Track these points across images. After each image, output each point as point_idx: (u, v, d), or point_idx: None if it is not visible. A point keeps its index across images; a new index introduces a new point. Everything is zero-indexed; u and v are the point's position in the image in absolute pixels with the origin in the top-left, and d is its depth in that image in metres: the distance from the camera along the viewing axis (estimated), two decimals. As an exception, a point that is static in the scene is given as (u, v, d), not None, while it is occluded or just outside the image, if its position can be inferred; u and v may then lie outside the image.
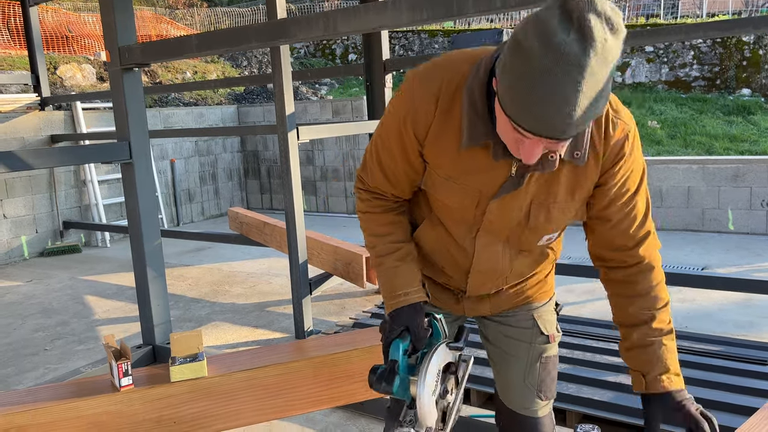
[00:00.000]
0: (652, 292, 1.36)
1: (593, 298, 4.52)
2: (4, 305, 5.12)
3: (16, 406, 2.13)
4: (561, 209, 1.31)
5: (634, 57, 10.86)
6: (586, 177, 1.27)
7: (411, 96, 1.28)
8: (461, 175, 1.28)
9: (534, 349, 1.55)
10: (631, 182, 1.29)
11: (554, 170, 1.21)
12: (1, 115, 6.75)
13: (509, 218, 1.32)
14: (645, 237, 1.34)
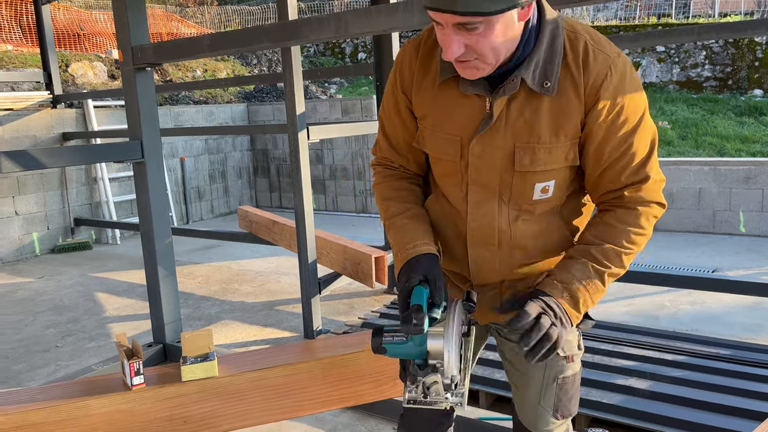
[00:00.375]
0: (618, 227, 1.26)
1: (600, 300, 4.51)
2: (16, 301, 5.16)
3: (30, 404, 2.15)
4: (547, 150, 1.24)
5: (645, 57, 10.80)
6: (570, 114, 1.21)
7: (400, 58, 1.37)
8: (443, 121, 1.30)
9: (551, 370, 1.45)
10: (623, 120, 1.21)
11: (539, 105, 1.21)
12: (14, 113, 6.80)
13: (493, 161, 1.27)
14: (641, 181, 1.25)
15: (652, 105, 9.92)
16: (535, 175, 1.27)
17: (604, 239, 1.26)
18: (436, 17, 1.10)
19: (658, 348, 3.20)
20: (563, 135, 1.23)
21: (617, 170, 1.24)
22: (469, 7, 1.04)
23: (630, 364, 3.02)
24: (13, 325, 4.55)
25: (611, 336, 3.37)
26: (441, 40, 1.14)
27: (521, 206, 1.31)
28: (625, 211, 1.26)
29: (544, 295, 1.24)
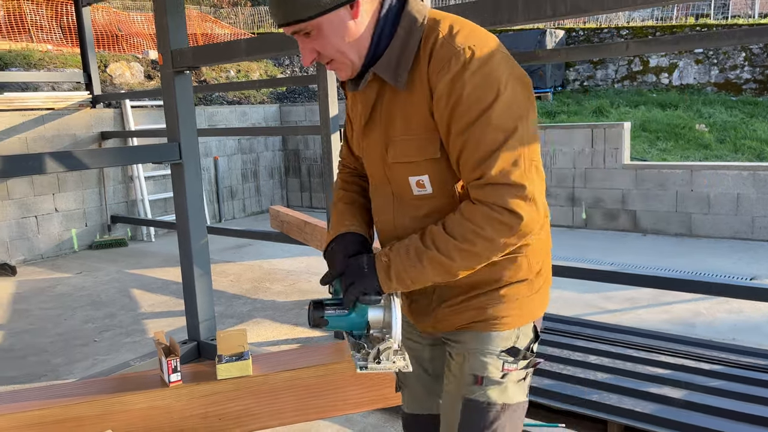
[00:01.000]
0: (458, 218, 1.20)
1: (634, 306, 4.45)
2: (56, 296, 5.31)
3: (72, 398, 2.22)
4: (405, 142, 1.25)
5: (682, 58, 10.60)
6: (418, 106, 1.21)
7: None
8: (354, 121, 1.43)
9: (458, 387, 1.35)
10: (462, 111, 1.15)
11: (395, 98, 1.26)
12: (55, 112, 6.99)
13: (375, 155, 1.35)
14: (480, 178, 1.16)
15: (689, 107, 9.73)
16: (404, 167, 1.27)
17: (443, 223, 1.22)
18: (284, 31, 1.22)
19: (694, 357, 3.14)
20: (415, 127, 1.23)
21: (462, 164, 1.20)
22: (289, 18, 1.17)
23: (665, 372, 2.97)
24: (53, 319, 4.69)
25: (646, 343, 3.32)
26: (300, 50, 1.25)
27: (408, 202, 1.32)
28: (470, 206, 1.19)
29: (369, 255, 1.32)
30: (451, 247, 1.19)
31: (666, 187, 6.70)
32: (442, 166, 1.25)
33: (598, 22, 12.44)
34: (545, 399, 2.83)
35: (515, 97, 1.17)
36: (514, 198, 1.14)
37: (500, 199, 1.14)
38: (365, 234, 1.43)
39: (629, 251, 6.10)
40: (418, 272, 1.23)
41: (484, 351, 1.33)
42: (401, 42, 1.21)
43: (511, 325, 1.33)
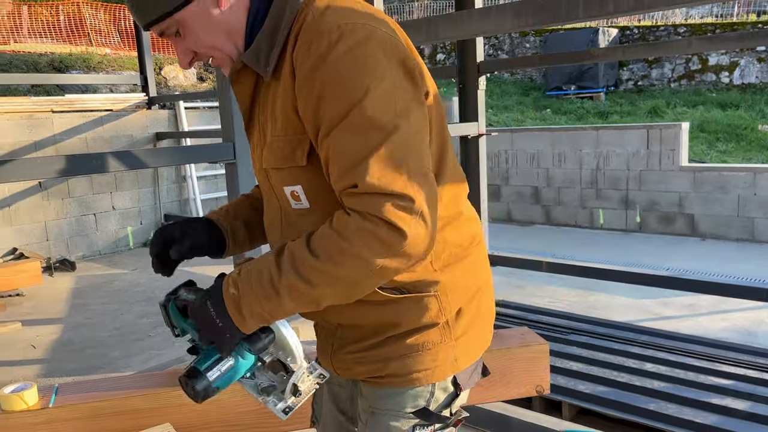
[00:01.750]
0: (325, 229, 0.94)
1: (693, 314, 4.29)
2: (113, 291, 5.49)
3: (129, 390, 2.28)
4: (274, 144, 1.05)
5: (744, 56, 10.19)
6: (285, 99, 1.01)
7: None
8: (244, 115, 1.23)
9: None
10: (326, 107, 0.94)
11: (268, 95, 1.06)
12: (113, 114, 7.23)
13: (257, 160, 1.14)
14: (352, 186, 0.93)
15: (751, 107, 9.36)
16: (277, 174, 1.07)
17: (308, 237, 0.96)
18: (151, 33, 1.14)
19: (756, 367, 3.01)
20: (281, 126, 1.03)
21: (332, 170, 0.96)
22: (147, 17, 1.03)
23: (727, 382, 2.86)
24: (110, 313, 4.84)
25: (706, 352, 3.20)
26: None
27: (293, 217, 1.09)
28: (342, 216, 0.93)
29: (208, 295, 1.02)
30: (312, 269, 0.93)
31: (727, 190, 6.45)
32: (314, 176, 1.02)
33: (653, 20, 12.10)
34: (599, 406, 2.76)
35: (396, 86, 0.95)
36: (396, 209, 0.90)
37: (377, 209, 0.90)
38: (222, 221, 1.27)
39: (687, 256, 5.90)
40: (275, 306, 0.96)
41: (389, 412, 1.11)
42: (272, 24, 1.03)
43: (422, 380, 1.09)
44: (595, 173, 7.25)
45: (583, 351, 3.30)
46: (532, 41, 13.25)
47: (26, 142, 6.41)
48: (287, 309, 0.97)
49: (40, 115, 6.59)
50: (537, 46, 13.08)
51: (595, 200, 7.31)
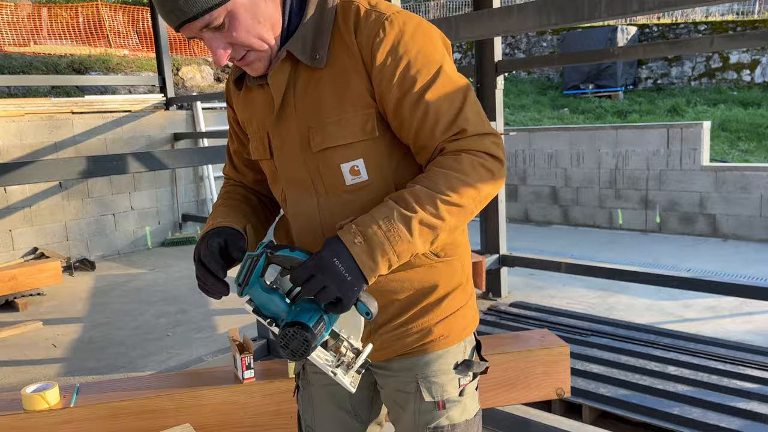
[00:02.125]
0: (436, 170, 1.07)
1: (715, 315, 4.22)
2: (132, 290, 5.53)
3: (151, 390, 2.29)
4: (336, 124, 1.12)
5: (766, 54, 10.03)
6: (349, 82, 1.11)
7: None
8: (251, 121, 1.25)
9: (419, 416, 1.24)
10: (413, 76, 1.08)
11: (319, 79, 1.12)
12: (132, 114, 7.30)
13: (292, 150, 1.17)
14: (459, 133, 1.09)
15: (772, 106, 9.22)
16: (334, 153, 1.13)
17: (418, 182, 1.07)
18: (184, 33, 1.06)
19: (783, 371, 2.95)
20: (349, 104, 1.11)
21: (429, 129, 1.09)
22: (198, 8, 1.01)
23: (752, 386, 2.81)
24: (129, 313, 4.88)
25: (730, 355, 3.15)
26: (209, 50, 1.09)
27: (342, 197, 1.16)
28: (447, 156, 1.09)
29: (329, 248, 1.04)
30: (439, 204, 1.04)
31: (749, 190, 6.35)
32: (379, 147, 1.14)
33: (673, 18, 11.96)
34: (620, 410, 2.72)
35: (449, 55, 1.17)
36: (493, 145, 1.10)
37: (486, 147, 1.09)
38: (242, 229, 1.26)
39: (708, 257, 5.81)
40: (407, 245, 1.04)
41: (438, 372, 1.22)
42: (315, 19, 1.12)
43: (458, 338, 1.23)
44: (614, 173, 7.17)
45: (603, 353, 3.26)
46: (549, 40, 13.15)
47: (47, 142, 6.48)
48: (416, 247, 1.05)
49: (60, 116, 6.67)
50: (554, 45, 12.99)
51: (614, 200, 7.24)
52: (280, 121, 1.17)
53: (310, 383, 1.35)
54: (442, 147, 1.10)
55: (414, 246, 1.05)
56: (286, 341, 1.02)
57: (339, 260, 1.01)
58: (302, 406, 1.38)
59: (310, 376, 1.34)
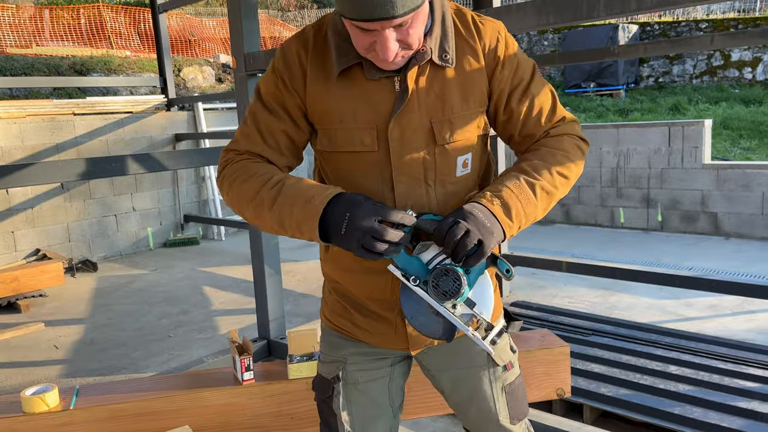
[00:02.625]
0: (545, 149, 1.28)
1: (716, 314, 4.21)
2: (134, 291, 5.54)
3: (150, 392, 2.29)
4: (462, 119, 1.26)
5: (767, 52, 10.00)
6: (474, 81, 1.27)
7: (282, 57, 1.30)
8: (354, 112, 1.24)
9: (496, 383, 1.40)
10: (521, 76, 1.30)
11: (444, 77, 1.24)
12: (133, 115, 7.30)
13: (412, 142, 1.23)
14: (561, 120, 1.33)
15: (774, 104, 9.20)
16: (456, 147, 1.27)
17: (533, 158, 1.27)
18: (369, 27, 1.10)
19: (784, 370, 2.94)
20: (473, 102, 1.27)
21: (536, 119, 1.30)
22: (407, 7, 1.07)
23: (752, 385, 2.79)
24: (131, 314, 4.88)
25: (731, 354, 3.14)
26: (378, 48, 1.13)
27: (446, 187, 1.28)
28: (552, 139, 1.30)
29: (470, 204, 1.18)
30: (554, 174, 1.24)
31: (751, 188, 6.33)
32: (481, 143, 1.33)
33: (674, 16, 11.93)
34: (621, 410, 2.71)
35: None
36: (581, 130, 1.34)
37: (576, 131, 1.33)
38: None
39: (710, 256, 5.80)
40: (533, 208, 1.21)
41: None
42: (440, 23, 1.24)
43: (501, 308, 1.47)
44: (615, 171, 7.16)
45: (604, 353, 3.25)
46: (550, 39, 13.13)
47: (48, 144, 6.49)
48: (537, 212, 1.23)
49: (62, 118, 6.67)
50: (555, 44, 12.97)
51: (615, 199, 7.22)
52: (402, 114, 1.22)
53: (350, 383, 1.38)
54: (546, 132, 1.31)
55: (537, 210, 1.22)
56: (438, 281, 1.13)
57: (480, 212, 1.15)
58: (343, 408, 1.38)
59: (353, 375, 1.38)
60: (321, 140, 1.29)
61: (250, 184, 1.21)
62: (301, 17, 17.33)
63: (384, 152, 1.24)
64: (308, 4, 18.75)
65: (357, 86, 1.23)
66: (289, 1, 18.33)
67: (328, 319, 1.43)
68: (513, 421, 1.43)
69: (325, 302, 1.45)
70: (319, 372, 1.44)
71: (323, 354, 1.44)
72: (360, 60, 1.21)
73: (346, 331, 1.38)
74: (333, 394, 1.39)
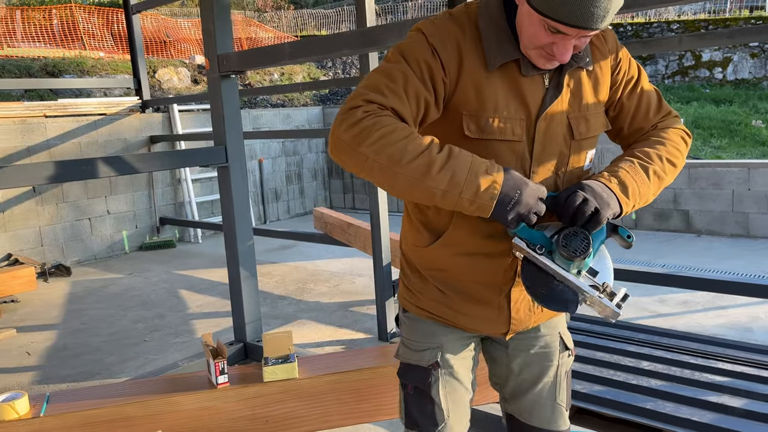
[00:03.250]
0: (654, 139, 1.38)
1: (689, 310, 4.29)
2: (109, 296, 5.46)
3: (123, 398, 2.26)
4: (594, 115, 1.36)
5: (737, 52, 10.20)
6: (602, 81, 1.36)
7: (436, 32, 1.25)
8: (507, 103, 1.28)
9: (561, 367, 1.51)
10: (633, 70, 1.40)
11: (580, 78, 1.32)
12: (107, 117, 7.21)
13: (555, 135, 1.32)
14: (668, 114, 1.43)
15: (744, 103, 9.38)
16: (588, 141, 1.37)
17: (643, 146, 1.36)
18: (569, 31, 1.15)
19: (753, 364, 3.00)
20: (601, 101, 1.37)
21: (645, 113, 1.40)
22: (608, 21, 1.15)
23: (722, 380, 2.85)
24: (105, 318, 4.82)
25: (702, 349, 3.19)
26: (556, 49, 1.19)
27: (573, 180, 1.37)
28: (659, 131, 1.39)
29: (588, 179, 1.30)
30: (664, 161, 1.33)
31: (721, 186, 6.45)
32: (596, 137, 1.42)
33: (647, 17, 12.11)
34: (596, 406, 2.74)
35: None
36: (684, 124, 1.42)
37: (681, 125, 1.43)
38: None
39: (682, 253, 5.90)
40: (646, 188, 1.30)
41: (565, 325, 1.54)
42: None
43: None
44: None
45: (579, 350, 3.29)
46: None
47: (19, 147, 6.38)
48: (649, 194, 1.32)
49: (33, 120, 6.56)
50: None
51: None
52: (551, 110, 1.30)
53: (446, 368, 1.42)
54: (654, 126, 1.40)
55: (649, 192, 1.31)
56: (567, 240, 1.21)
57: (597, 186, 1.25)
58: (442, 394, 1.42)
59: (448, 360, 1.42)
60: (468, 126, 1.27)
61: (412, 142, 1.15)
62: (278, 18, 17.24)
63: (528, 143, 1.31)
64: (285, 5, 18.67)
65: (511, 79, 1.28)
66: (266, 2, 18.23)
67: (423, 309, 1.45)
68: (566, 406, 1.52)
69: (418, 292, 1.45)
70: (409, 361, 1.46)
71: (414, 342, 1.46)
72: (518, 56, 1.26)
73: (445, 318, 1.42)
74: (431, 381, 1.41)
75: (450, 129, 1.29)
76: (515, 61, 1.26)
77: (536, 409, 1.49)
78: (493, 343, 1.52)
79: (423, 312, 1.45)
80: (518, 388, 1.51)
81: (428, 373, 1.42)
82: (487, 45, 1.26)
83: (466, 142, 1.28)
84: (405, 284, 1.50)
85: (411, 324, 1.48)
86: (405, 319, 1.50)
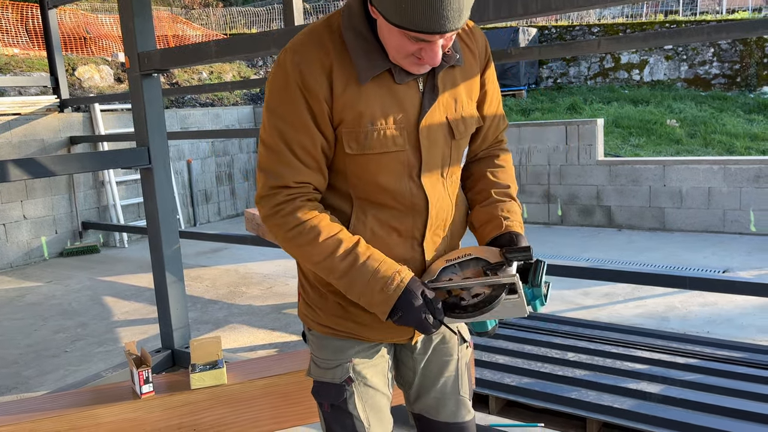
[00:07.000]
0: (509, 169, 1.49)
1: (610, 302, 4.48)
2: (26, 306, 5.18)
3: (39, 413, 2.15)
4: (469, 112, 1.39)
5: (653, 55, 10.74)
6: (474, 78, 1.39)
7: (296, 67, 1.23)
8: (385, 114, 1.26)
9: (461, 360, 1.55)
10: (495, 81, 1.47)
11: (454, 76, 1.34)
12: (22, 117, 6.83)
13: (437, 138, 1.33)
14: (506, 126, 1.53)
15: (660, 103, 9.88)
16: (466, 140, 1.41)
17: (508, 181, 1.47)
18: (429, 38, 1.14)
19: (669, 351, 3.16)
20: (473, 98, 1.40)
21: (499, 118, 1.48)
22: (465, 18, 1.14)
23: (641, 367, 2.99)
24: (22, 329, 4.57)
25: (621, 339, 3.34)
26: (425, 55, 1.18)
27: (453, 178, 1.41)
28: (505, 154, 1.51)
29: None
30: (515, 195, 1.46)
31: (639, 182, 6.78)
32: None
33: (570, 20, 12.57)
34: (524, 398, 2.82)
35: None
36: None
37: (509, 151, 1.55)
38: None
39: (605, 246, 6.16)
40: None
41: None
42: None
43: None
44: (518, 169, 7.44)
45: (508, 344, 3.37)
46: (455, 40, 13.46)
47: (-77, 149, 5.95)
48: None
49: (-62, 121, 6.14)
50: (461, 45, 13.31)
51: (518, 195, 7.52)
52: (431, 113, 1.30)
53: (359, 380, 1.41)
54: (501, 138, 1.51)
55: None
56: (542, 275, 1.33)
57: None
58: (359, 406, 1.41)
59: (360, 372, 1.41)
60: (348, 144, 1.26)
61: (316, 247, 1.24)
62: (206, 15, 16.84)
63: (412, 150, 1.30)
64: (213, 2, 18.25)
65: (386, 89, 1.26)
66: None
67: (326, 326, 1.40)
68: (469, 396, 1.58)
69: (318, 308, 1.41)
70: (322, 379, 1.42)
71: (323, 360, 1.42)
72: (389, 66, 1.24)
73: (349, 333, 1.39)
74: (347, 396, 1.39)
75: (339, 148, 1.28)
76: (387, 70, 1.24)
77: (441, 405, 1.53)
78: (401, 347, 1.52)
79: (326, 329, 1.41)
80: (422, 387, 1.53)
81: (342, 390, 1.39)
82: (356, 59, 1.22)
83: (351, 159, 1.28)
84: (305, 300, 1.46)
85: (318, 342, 1.44)
86: (311, 337, 1.46)
